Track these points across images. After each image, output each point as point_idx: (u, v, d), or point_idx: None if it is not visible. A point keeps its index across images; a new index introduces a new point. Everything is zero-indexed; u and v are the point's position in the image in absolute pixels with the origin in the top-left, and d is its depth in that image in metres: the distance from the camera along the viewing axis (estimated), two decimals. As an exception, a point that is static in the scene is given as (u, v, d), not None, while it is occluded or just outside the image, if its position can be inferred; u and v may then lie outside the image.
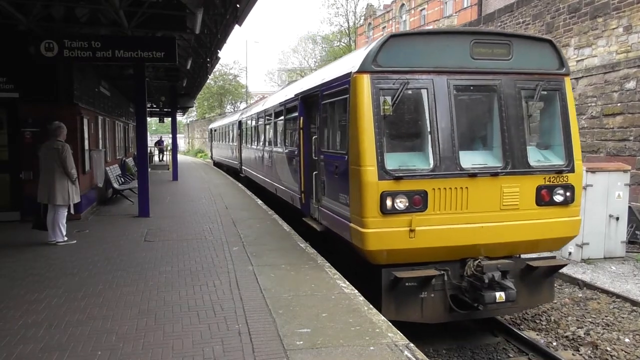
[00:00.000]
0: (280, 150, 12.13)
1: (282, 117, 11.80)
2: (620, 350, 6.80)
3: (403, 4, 47.69)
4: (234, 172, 24.24)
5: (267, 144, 14.38)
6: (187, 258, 7.77)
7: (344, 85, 6.88)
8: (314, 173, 8.64)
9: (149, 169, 14.05)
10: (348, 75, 6.70)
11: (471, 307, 6.49)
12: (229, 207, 13.23)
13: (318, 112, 8.41)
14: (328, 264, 7.32)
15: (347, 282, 6.45)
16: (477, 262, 6.39)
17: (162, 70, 18.06)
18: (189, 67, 16.61)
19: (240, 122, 21.26)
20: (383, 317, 5.26)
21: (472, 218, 6.39)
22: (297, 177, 9.84)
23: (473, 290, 6.35)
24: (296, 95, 10.03)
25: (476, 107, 7.13)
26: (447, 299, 6.47)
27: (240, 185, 19.72)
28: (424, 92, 6.44)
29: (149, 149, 17.79)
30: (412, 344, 4.61)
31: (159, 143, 43.19)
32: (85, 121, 12.30)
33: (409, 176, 6.21)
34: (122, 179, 16.45)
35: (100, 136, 14.69)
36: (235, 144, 22.75)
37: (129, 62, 11.81)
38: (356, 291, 6.10)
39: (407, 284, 6.24)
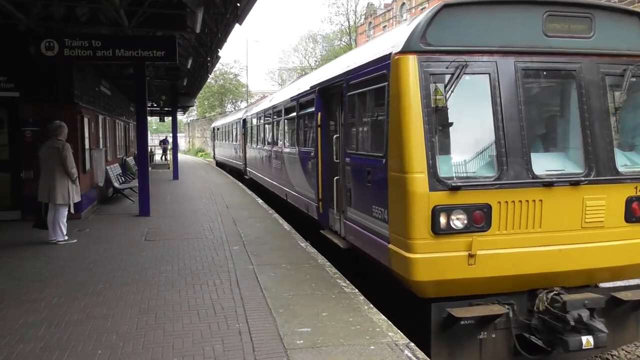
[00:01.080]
0: (291, 151, 10.98)
1: (294, 114, 10.68)
2: (620, 350, 6.79)
3: (404, 3, 47.70)
4: (237, 173, 23.65)
5: (276, 143, 13.22)
6: (187, 257, 7.77)
7: (380, 71, 5.71)
8: (336, 178, 7.60)
9: (150, 168, 14.05)
10: (387, 57, 5.49)
11: (540, 348, 5.23)
12: (229, 207, 13.23)
13: (342, 106, 7.28)
14: (329, 264, 7.32)
15: (348, 282, 6.44)
16: (552, 294, 5.16)
17: (162, 70, 18.06)
18: (189, 66, 16.61)
19: (244, 120, 20.48)
20: (383, 317, 5.25)
21: (546, 239, 5.16)
22: (314, 183, 8.77)
23: (549, 332, 5.12)
24: (312, 87, 8.91)
25: (550, 97, 5.88)
26: (512, 339, 5.22)
27: (241, 184, 19.71)
28: (485, 78, 5.20)
29: (152, 147, 17.74)
30: (412, 344, 4.60)
31: (164, 142, 43.12)
32: (86, 120, 12.31)
33: (469, 186, 4.99)
34: (122, 178, 16.46)
35: (100, 135, 14.69)
36: (239, 143, 21.97)
37: (129, 62, 11.82)
38: (356, 290, 6.09)
39: (462, 322, 5.07)
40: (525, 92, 5.30)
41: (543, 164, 5.28)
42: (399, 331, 4.89)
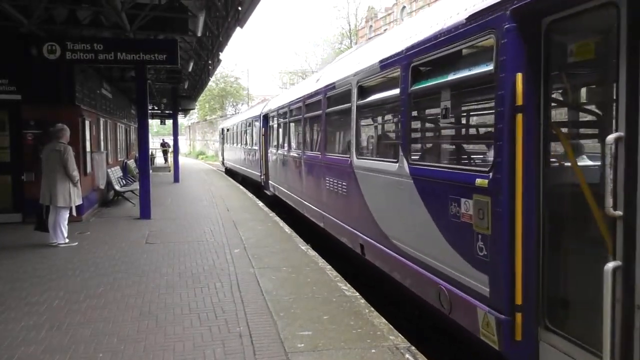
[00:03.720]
0: (386, 168, 5.81)
1: (396, 91, 5.52)
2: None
3: (404, 7, 47.78)
4: (251, 184, 19.46)
5: (336, 150, 8.34)
6: (188, 260, 7.77)
7: None
8: (613, 266, 2.86)
9: (150, 171, 14.06)
10: None
11: None
12: (230, 210, 13.23)
13: None
14: (329, 267, 7.32)
15: (349, 285, 6.44)
16: None
17: (163, 72, 18.11)
18: (190, 69, 16.64)
19: (266, 117, 15.71)
20: (384, 320, 5.25)
21: None
22: (490, 252, 3.84)
23: None
24: (479, 14, 3.96)
25: None
26: None
27: (241, 187, 19.70)
28: None
29: (153, 150, 17.70)
30: (413, 347, 4.60)
31: (163, 145, 43.20)
32: (87, 123, 12.32)
33: None
34: (123, 180, 16.47)
35: (101, 138, 14.71)
36: (256, 147, 17.43)
37: (130, 65, 11.84)
38: (357, 294, 6.09)
39: None
40: None
41: None
42: (399, 335, 4.88)
